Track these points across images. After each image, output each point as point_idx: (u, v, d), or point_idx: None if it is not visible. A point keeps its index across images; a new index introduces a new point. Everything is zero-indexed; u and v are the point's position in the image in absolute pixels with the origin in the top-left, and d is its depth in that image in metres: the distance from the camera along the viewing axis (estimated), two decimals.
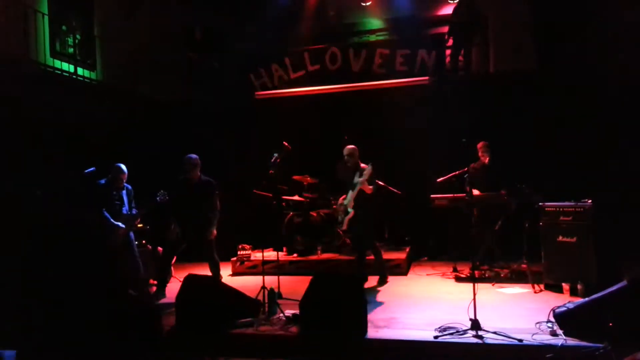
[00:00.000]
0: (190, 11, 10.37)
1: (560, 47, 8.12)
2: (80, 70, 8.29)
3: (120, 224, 5.91)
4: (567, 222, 5.52)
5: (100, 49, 8.89)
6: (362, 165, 6.31)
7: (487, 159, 6.77)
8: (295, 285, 5.73)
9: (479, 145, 6.86)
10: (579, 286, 5.30)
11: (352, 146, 6.44)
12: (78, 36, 8.51)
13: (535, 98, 7.88)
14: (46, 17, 7.70)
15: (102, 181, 6.08)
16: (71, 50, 8.31)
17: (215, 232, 6.01)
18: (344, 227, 6.34)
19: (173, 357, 4.54)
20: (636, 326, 3.76)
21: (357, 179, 6.18)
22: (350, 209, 6.20)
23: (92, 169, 6.16)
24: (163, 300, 5.86)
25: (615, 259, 5.34)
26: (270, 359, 4.30)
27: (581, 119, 7.54)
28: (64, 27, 8.24)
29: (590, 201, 5.42)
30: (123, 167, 6.08)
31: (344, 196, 6.40)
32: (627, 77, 7.13)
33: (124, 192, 6.13)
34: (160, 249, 6.88)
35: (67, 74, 7.97)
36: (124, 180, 6.11)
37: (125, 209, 6.08)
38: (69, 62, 8.13)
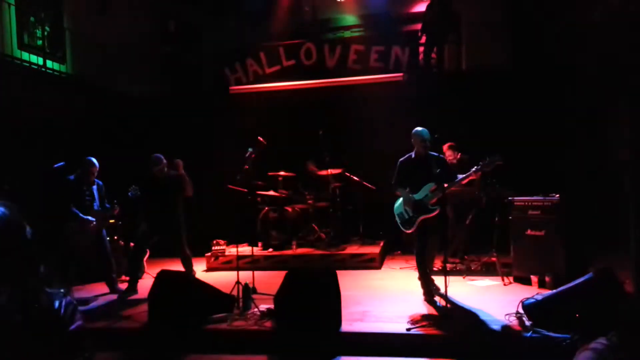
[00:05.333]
0: (164, 4, 10.22)
1: (532, 44, 8.29)
2: (49, 63, 8.10)
3: (90, 217, 5.82)
4: (535, 216, 5.65)
5: (70, 42, 8.70)
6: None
7: (458, 157, 6.88)
8: (270, 280, 5.72)
9: (445, 147, 6.94)
10: (547, 278, 5.43)
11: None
12: (47, 28, 8.30)
13: (506, 94, 8.03)
14: (13, 8, 7.49)
15: (72, 177, 5.97)
16: (40, 42, 8.11)
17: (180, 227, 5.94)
18: (413, 228, 5.17)
19: (146, 354, 4.51)
20: (602, 316, 3.87)
21: (437, 170, 5.05)
22: (433, 207, 5.05)
23: (61, 163, 6.05)
24: (135, 297, 5.80)
25: (582, 252, 5.49)
26: (245, 354, 4.30)
27: (551, 115, 7.72)
28: (32, 19, 8.03)
29: (558, 195, 5.56)
30: (94, 160, 5.97)
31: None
32: (593, 75, 7.32)
33: (95, 187, 6.03)
34: (132, 244, 6.80)
35: (36, 67, 7.78)
36: (95, 175, 6.00)
37: (96, 205, 5.98)
38: (38, 55, 7.93)
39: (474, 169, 5.10)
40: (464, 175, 5.16)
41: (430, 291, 5.16)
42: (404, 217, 5.25)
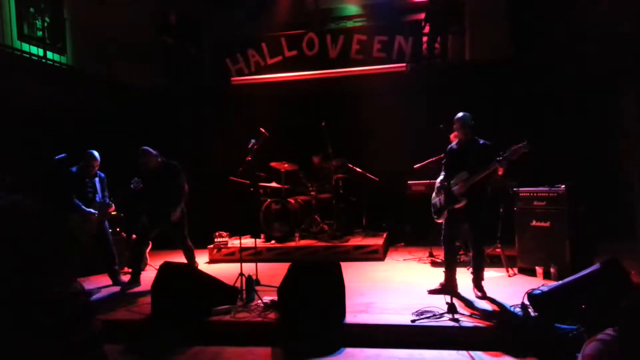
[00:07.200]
0: None
1: (536, 35, 8.20)
2: (49, 54, 8.04)
3: (92, 210, 5.81)
4: (540, 207, 5.60)
5: (70, 33, 8.63)
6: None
7: None
8: (273, 272, 5.71)
9: (452, 136, 6.90)
10: (552, 270, 5.39)
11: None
12: (47, 19, 8.23)
13: (510, 85, 7.97)
14: None
15: (74, 169, 5.95)
16: (40, 33, 8.04)
17: (178, 213, 5.84)
18: (442, 218, 5.00)
19: (149, 346, 4.49)
20: (608, 308, 3.84)
21: (474, 158, 4.75)
22: (461, 197, 4.78)
23: (62, 155, 6.02)
24: (138, 289, 5.78)
25: (587, 243, 5.44)
26: (248, 346, 4.28)
27: (555, 106, 7.66)
28: (31, 9, 7.96)
29: (563, 186, 5.51)
30: (96, 153, 5.95)
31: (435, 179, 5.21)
32: (597, 66, 7.25)
33: (97, 179, 6.03)
34: (134, 236, 6.79)
35: (36, 58, 7.72)
36: (97, 168, 5.99)
37: (98, 197, 5.97)
38: (38, 46, 7.87)
39: (498, 160, 4.57)
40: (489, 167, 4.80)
41: (450, 283, 5.00)
42: (436, 206, 5.10)
